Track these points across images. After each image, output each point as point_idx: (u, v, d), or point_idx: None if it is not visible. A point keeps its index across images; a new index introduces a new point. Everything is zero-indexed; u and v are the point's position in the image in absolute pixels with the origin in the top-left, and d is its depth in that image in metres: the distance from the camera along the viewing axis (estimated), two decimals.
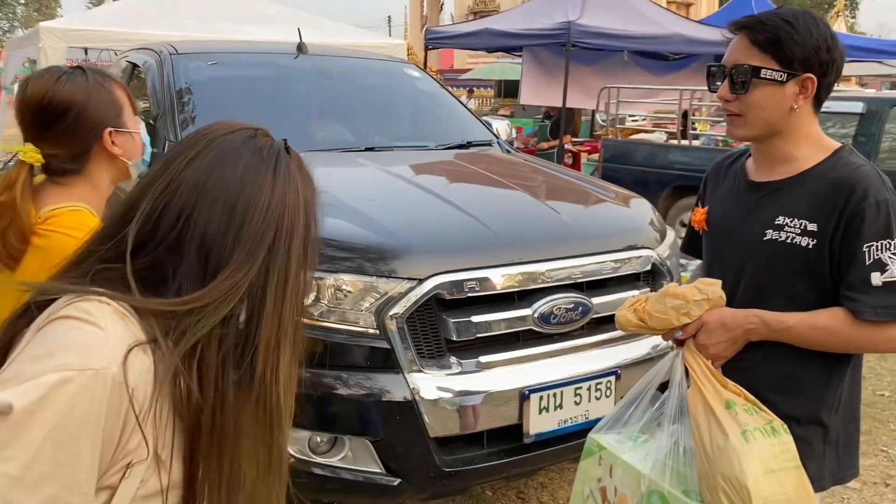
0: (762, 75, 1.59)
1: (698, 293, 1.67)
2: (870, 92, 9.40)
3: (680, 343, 1.73)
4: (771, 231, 1.66)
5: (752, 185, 1.75)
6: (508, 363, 2.56)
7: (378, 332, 2.45)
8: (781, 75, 1.59)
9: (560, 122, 9.07)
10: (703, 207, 1.89)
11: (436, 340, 2.50)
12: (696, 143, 8.65)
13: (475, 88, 24.82)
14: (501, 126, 4.57)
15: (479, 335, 2.53)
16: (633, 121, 10.53)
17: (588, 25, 9.01)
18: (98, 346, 0.86)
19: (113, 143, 1.67)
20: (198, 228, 0.95)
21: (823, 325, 1.60)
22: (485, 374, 2.52)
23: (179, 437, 0.92)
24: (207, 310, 0.93)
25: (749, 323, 1.64)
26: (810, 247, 1.60)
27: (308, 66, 4.23)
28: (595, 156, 8.86)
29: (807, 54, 1.58)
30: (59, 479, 0.82)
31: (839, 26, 22.44)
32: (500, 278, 2.57)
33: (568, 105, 9.01)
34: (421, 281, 2.46)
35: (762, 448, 1.56)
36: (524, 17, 10.25)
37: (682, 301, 1.66)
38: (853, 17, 40.68)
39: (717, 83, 1.69)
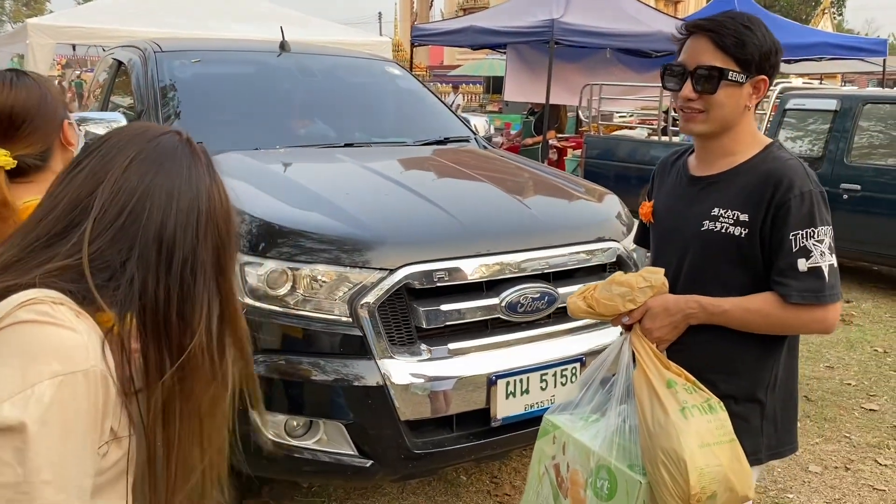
0: (729, 77, 1.69)
1: (643, 281, 1.80)
2: (847, 89, 9.52)
3: (627, 328, 1.85)
4: (708, 222, 1.77)
5: (692, 180, 1.87)
6: (477, 350, 2.68)
7: (351, 320, 2.56)
8: (742, 77, 1.70)
9: (544, 118, 9.18)
10: (650, 202, 2.01)
11: (406, 328, 2.61)
12: (675, 139, 8.79)
13: (463, 84, 24.88)
14: (480, 123, 4.68)
15: (448, 323, 2.64)
16: (620, 117, 10.65)
17: (571, 23, 9.13)
18: (77, 347, 0.92)
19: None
20: (153, 227, 1.02)
21: (756, 308, 1.72)
22: (454, 361, 2.63)
23: (128, 414, 1.01)
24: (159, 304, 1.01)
25: (689, 308, 1.76)
26: (743, 236, 1.72)
27: (291, 63, 4.33)
28: (579, 151, 8.99)
29: (762, 58, 1.70)
30: (79, 472, 0.92)
31: (825, 24, 22.65)
32: (469, 269, 2.68)
33: (552, 102, 9.13)
34: (392, 271, 2.57)
35: (699, 424, 1.67)
36: (509, 15, 10.36)
37: (627, 288, 1.79)
38: (840, 15, 40.88)
39: (673, 82, 1.77)
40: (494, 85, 22.73)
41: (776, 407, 1.84)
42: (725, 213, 1.74)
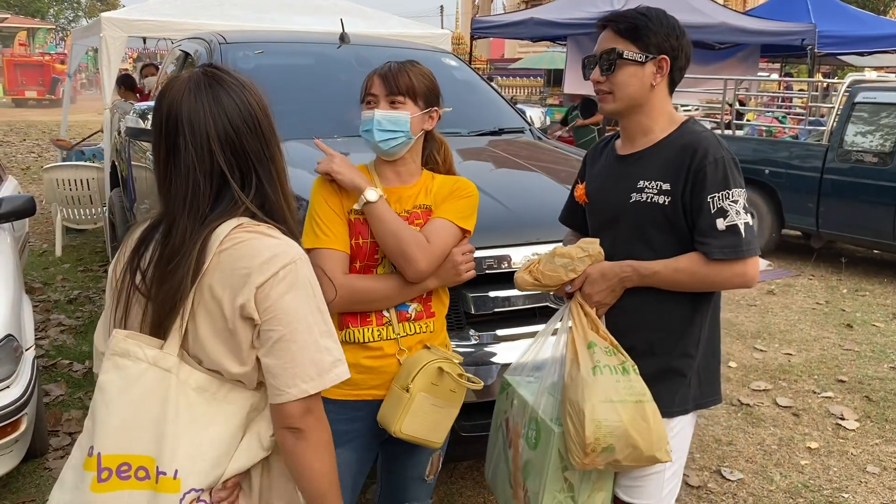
0: (625, 56, 1.89)
1: (581, 251, 1.95)
2: None
3: (570, 296, 1.99)
4: (635, 194, 1.92)
5: (619, 158, 2.03)
6: (524, 337, 2.70)
7: None
8: (641, 56, 1.88)
9: (587, 106, 9.15)
10: (582, 184, 2.16)
11: (455, 314, 2.66)
12: (739, 133, 8.61)
13: (524, 77, 24.78)
14: (535, 114, 4.69)
15: (496, 310, 2.68)
16: (685, 110, 10.49)
17: None
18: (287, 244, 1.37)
19: None
20: (221, 154, 1.37)
21: (683, 267, 1.86)
22: (501, 347, 2.68)
23: None
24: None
25: (623, 272, 1.91)
26: (666, 203, 1.87)
27: (349, 55, 4.41)
28: None
29: (660, 40, 1.88)
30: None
31: None
32: (518, 257, 2.71)
33: None
34: None
35: (606, 382, 1.82)
36: (570, 7, 10.29)
37: (568, 259, 1.94)
38: None
39: (590, 70, 1.98)
40: (555, 78, 22.57)
41: (702, 362, 1.98)
42: (649, 184, 1.90)
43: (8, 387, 2.96)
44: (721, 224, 1.81)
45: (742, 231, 1.82)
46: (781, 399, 4.36)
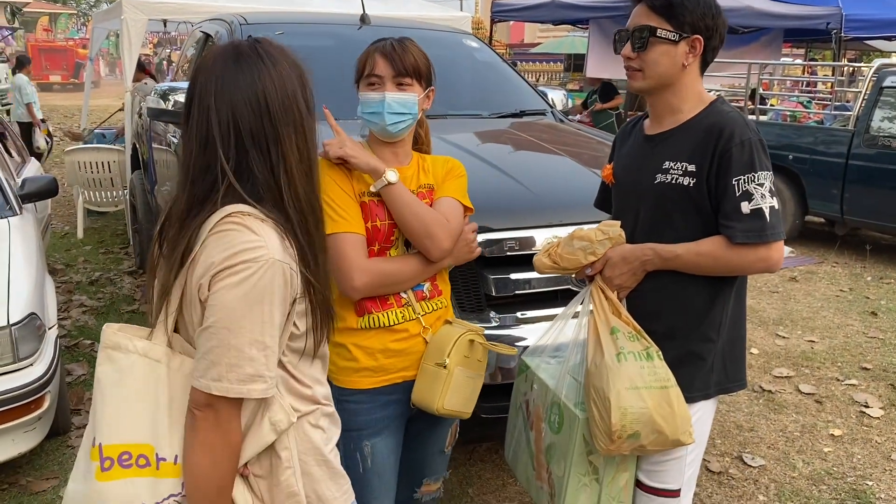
0: (658, 34, 1.84)
1: (601, 234, 1.92)
2: None
3: (590, 279, 1.97)
4: (660, 175, 1.89)
5: (646, 139, 1.99)
6: (546, 320, 2.67)
7: None
8: (674, 35, 1.84)
9: (606, 90, 9.06)
10: (610, 164, 2.14)
11: (476, 295, 2.65)
12: (763, 118, 8.50)
13: (544, 62, 24.59)
14: (557, 96, 4.65)
15: (517, 292, 2.66)
16: None
17: None
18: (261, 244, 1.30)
19: None
20: (248, 132, 1.34)
21: (706, 251, 1.83)
22: (522, 329, 2.66)
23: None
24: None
25: (644, 255, 1.88)
26: (691, 185, 1.83)
27: (370, 36, 4.35)
28: None
29: (695, 19, 1.83)
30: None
31: None
32: (540, 239, 2.69)
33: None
34: None
35: (631, 368, 1.80)
36: None
37: (587, 242, 1.91)
38: None
39: (621, 45, 1.92)
40: (575, 63, 22.37)
41: (725, 345, 1.95)
42: (675, 165, 1.86)
43: (31, 364, 2.99)
44: (746, 207, 1.77)
45: (767, 215, 1.78)
46: (804, 386, 4.32)
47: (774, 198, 1.80)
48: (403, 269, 1.95)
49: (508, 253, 2.65)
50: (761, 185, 1.78)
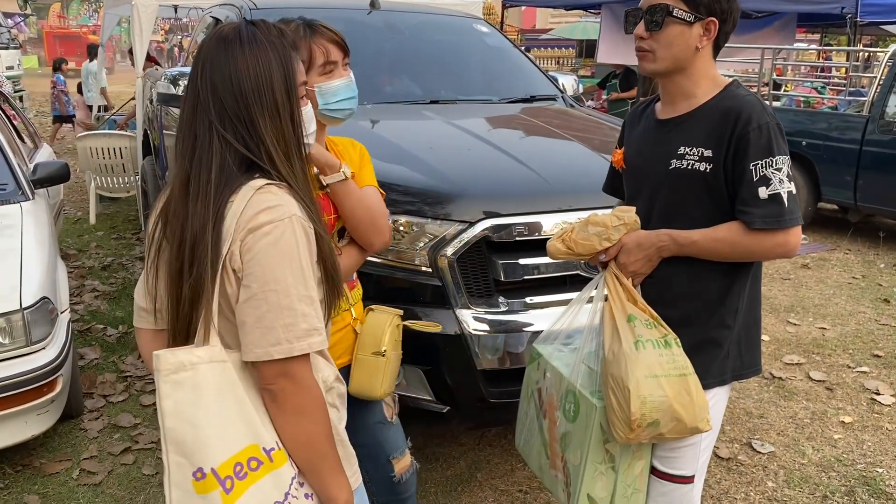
0: (674, 14, 1.80)
1: (616, 219, 1.88)
2: None
3: (604, 265, 1.94)
4: (675, 160, 1.85)
5: (659, 123, 1.95)
6: (555, 305, 2.68)
7: (431, 270, 2.61)
8: (690, 16, 1.80)
9: (627, 77, 8.96)
10: (620, 149, 2.09)
11: (485, 281, 2.65)
12: (776, 104, 8.42)
13: (555, 48, 24.44)
14: (568, 81, 4.62)
15: (526, 277, 2.66)
16: None
17: None
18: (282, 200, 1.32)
19: None
20: (230, 109, 1.34)
21: (723, 237, 1.80)
22: (531, 314, 2.66)
23: None
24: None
25: (660, 241, 1.85)
26: (707, 171, 1.80)
27: (380, 21, 4.36)
28: None
29: (711, 0, 1.80)
30: None
31: None
32: (549, 224, 2.68)
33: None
34: (471, 224, 2.60)
35: (649, 356, 1.78)
36: None
37: (602, 227, 1.88)
38: None
39: (633, 25, 1.89)
40: (587, 49, 22.23)
41: (741, 331, 1.93)
42: (690, 150, 1.83)
43: (44, 348, 3.02)
44: (763, 193, 1.74)
45: (785, 200, 1.75)
46: (815, 373, 4.30)
47: (792, 183, 1.77)
48: (347, 263, 1.95)
49: (517, 238, 2.64)
50: (779, 169, 1.75)
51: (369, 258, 2.63)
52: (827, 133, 7.49)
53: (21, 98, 13.04)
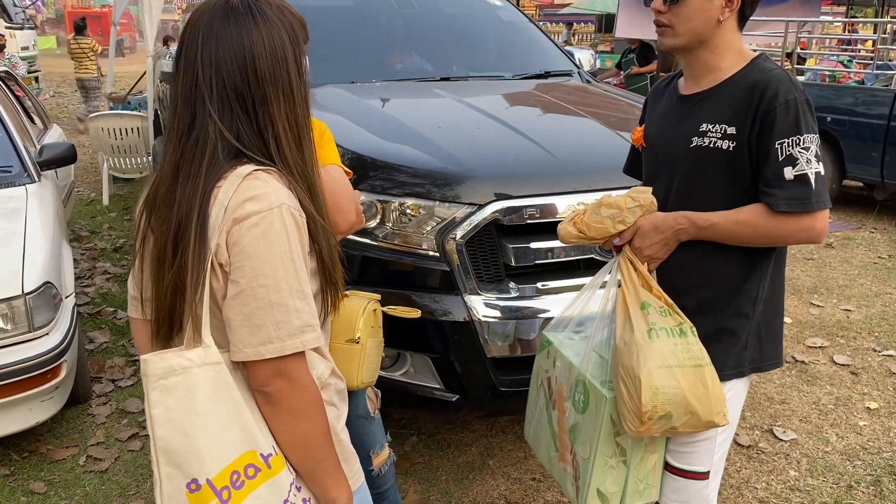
0: None
1: (631, 201, 1.78)
2: None
3: (618, 249, 1.84)
4: (696, 138, 1.75)
5: (681, 99, 1.84)
6: (568, 290, 2.58)
7: (439, 255, 2.52)
8: None
9: (644, 52, 8.75)
10: (641, 126, 1.98)
11: (495, 265, 2.55)
12: (800, 78, 8.20)
13: (574, 24, 24.07)
14: (584, 56, 4.48)
15: (537, 261, 2.56)
16: None
17: None
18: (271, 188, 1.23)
19: None
20: (233, 89, 1.24)
21: (744, 219, 1.69)
22: (543, 300, 2.56)
23: None
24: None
25: (678, 224, 1.75)
26: (731, 149, 1.70)
27: None
28: None
29: None
30: None
31: None
32: (563, 206, 2.58)
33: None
34: (481, 206, 2.50)
35: (663, 345, 1.68)
36: None
37: (616, 209, 1.78)
38: None
39: None
40: (607, 23, 21.86)
41: (761, 321, 1.83)
42: (713, 127, 1.73)
43: (47, 334, 2.97)
44: (789, 173, 1.63)
45: (812, 181, 1.63)
46: (839, 357, 4.17)
47: (821, 163, 1.65)
48: None
49: (528, 221, 2.54)
50: (807, 148, 1.63)
51: (375, 242, 2.56)
52: (853, 108, 7.27)
53: (37, 79, 13.02)
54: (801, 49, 8.91)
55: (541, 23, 19.13)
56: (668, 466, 1.89)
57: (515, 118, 3.16)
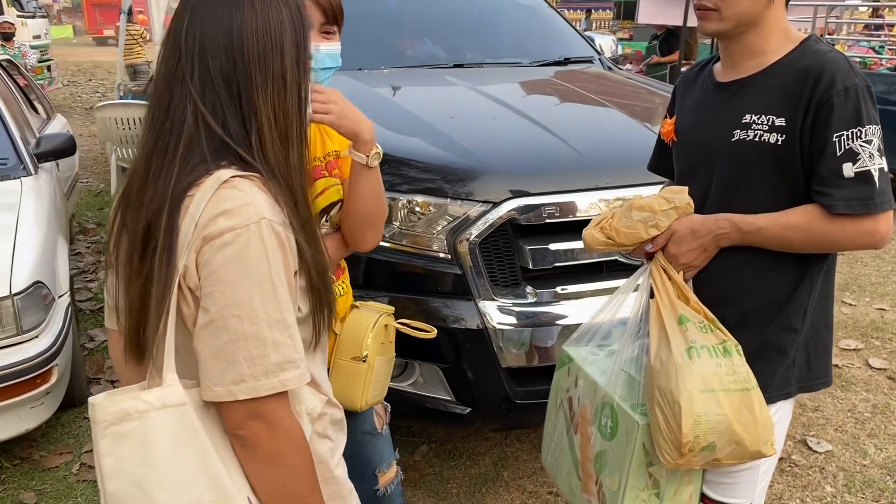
0: None
1: (665, 203, 1.60)
2: None
3: (650, 256, 1.66)
4: (739, 131, 1.57)
5: (719, 87, 1.66)
6: (589, 295, 2.40)
7: (450, 256, 2.34)
8: None
9: (668, 40, 8.50)
10: (671, 119, 1.80)
11: (511, 268, 2.37)
12: None
13: (593, 11, 23.77)
14: (605, 42, 4.28)
15: (557, 264, 2.38)
16: None
17: None
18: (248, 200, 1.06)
19: None
20: (217, 71, 1.08)
21: (796, 223, 1.52)
22: (563, 306, 2.38)
23: None
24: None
25: (719, 228, 1.57)
26: (779, 143, 1.52)
27: None
28: None
29: None
30: None
31: None
32: (584, 203, 2.39)
33: (689, 24, 8.42)
34: (496, 204, 2.32)
35: (705, 367, 1.51)
36: None
37: (649, 213, 1.61)
38: None
39: None
40: (626, 10, 21.52)
41: (810, 335, 1.65)
42: (759, 118, 1.54)
43: (37, 336, 2.82)
44: (849, 170, 1.45)
45: (876, 179, 1.45)
46: (874, 360, 3.96)
47: (884, 158, 1.47)
48: (333, 256, 1.62)
49: (547, 220, 2.35)
50: (869, 142, 1.45)
51: (381, 243, 2.38)
52: (885, 96, 6.99)
53: (49, 68, 12.93)
54: (829, 35, 8.64)
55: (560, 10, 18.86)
56: (704, 499, 1.71)
57: (533, 108, 2.96)
